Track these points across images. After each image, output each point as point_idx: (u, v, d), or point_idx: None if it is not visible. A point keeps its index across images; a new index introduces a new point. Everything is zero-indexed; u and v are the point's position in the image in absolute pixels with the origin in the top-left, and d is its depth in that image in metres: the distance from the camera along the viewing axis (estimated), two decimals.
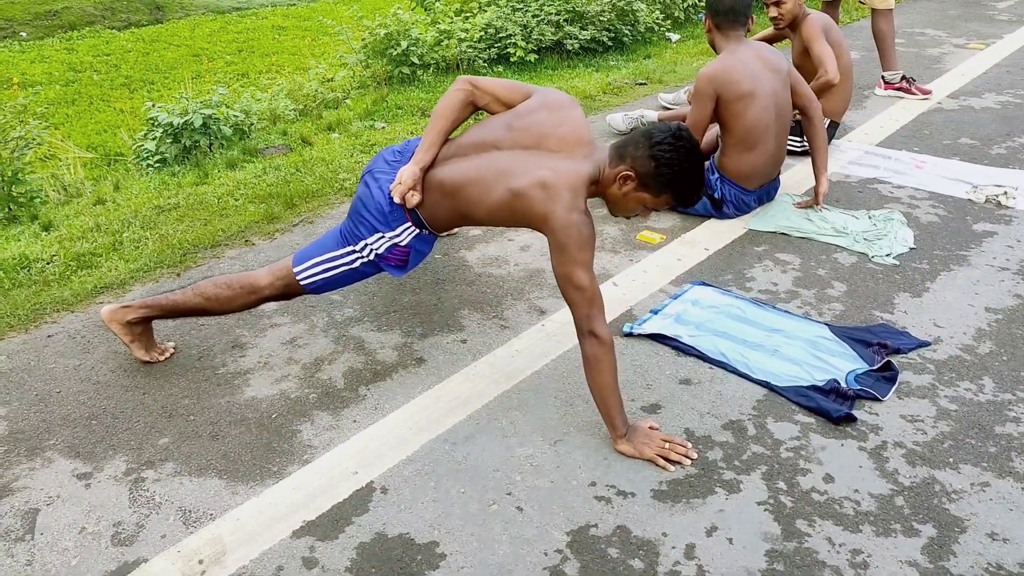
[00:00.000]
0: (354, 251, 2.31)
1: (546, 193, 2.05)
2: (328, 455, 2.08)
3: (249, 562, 1.77)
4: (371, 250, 2.30)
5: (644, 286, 2.85)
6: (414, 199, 2.21)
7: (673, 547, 1.80)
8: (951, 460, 2.05)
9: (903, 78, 4.88)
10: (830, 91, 3.76)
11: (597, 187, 2.15)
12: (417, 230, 2.29)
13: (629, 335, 2.55)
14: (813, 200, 3.35)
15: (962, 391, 2.30)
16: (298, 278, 2.33)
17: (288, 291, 2.37)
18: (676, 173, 2.06)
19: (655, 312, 2.66)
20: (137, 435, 2.16)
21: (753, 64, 3.18)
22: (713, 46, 3.35)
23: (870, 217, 3.31)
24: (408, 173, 2.21)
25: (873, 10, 4.88)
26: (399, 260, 2.33)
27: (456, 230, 3.20)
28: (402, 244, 2.30)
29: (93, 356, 2.49)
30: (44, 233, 3.42)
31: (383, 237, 2.28)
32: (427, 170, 2.25)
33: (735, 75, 3.14)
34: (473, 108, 2.31)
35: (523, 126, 2.20)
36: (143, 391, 2.33)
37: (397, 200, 2.21)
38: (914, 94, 4.85)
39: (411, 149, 2.34)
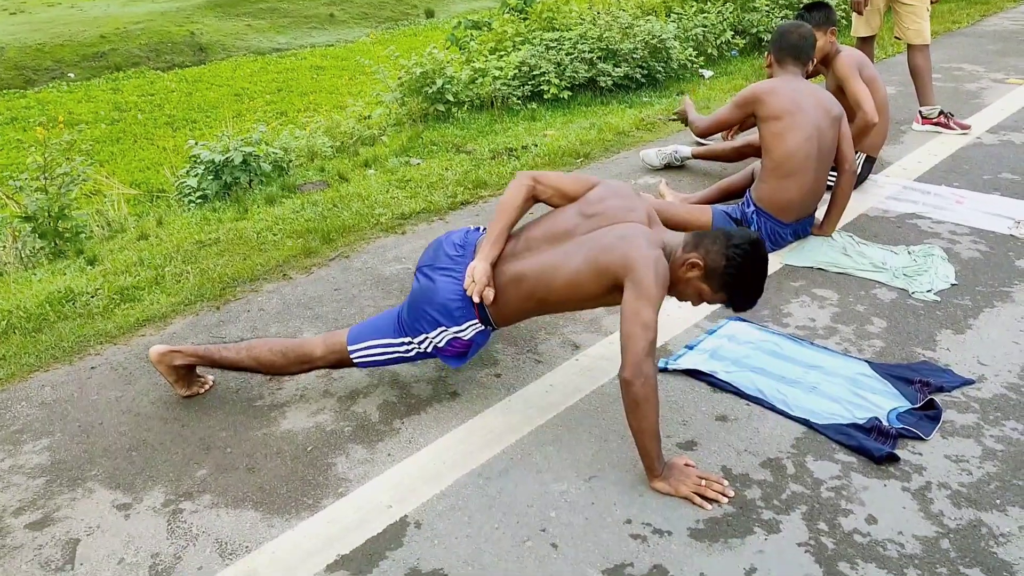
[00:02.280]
0: (412, 342, 2.33)
1: (627, 241, 2.14)
2: (362, 488, 2.08)
3: None
4: (431, 343, 2.32)
5: (679, 321, 2.83)
6: (491, 295, 2.23)
7: None
8: (998, 502, 1.99)
9: (941, 113, 4.84)
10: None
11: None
12: (482, 326, 2.30)
13: (664, 371, 2.53)
14: (821, 229, 3.43)
15: (1008, 431, 2.25)
16: (351, 356, 2.37)
17: (339, 364, 2.41)
18: (741, 278, 2.12)
19: (690, 348, 2.64)
20: (176, 467, 2.18)
21: (802, 95, 3.23)
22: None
23: (910, 252, 3.26)
24: (481, 271, 2.23)
25: (909, 46, 4.86)
26: (458, 351, 2.34)
27: None
28: (465, 338, 2.31)
29: (134, 388, 2.54)
30: (89, 267, 3.50)
31: (446, 331, 2.29)
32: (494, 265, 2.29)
33: (778, 94, 3.20)
34: (534, 202, 2.39)
35: (596, 212, 2.27)
36: (182, 423, 2.36)
37: (476, 299, 2.22)
38: (952, 129, 4.80)
39: (472, 242, 2.37)
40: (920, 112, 4.90)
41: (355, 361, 2.38)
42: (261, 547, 1.90)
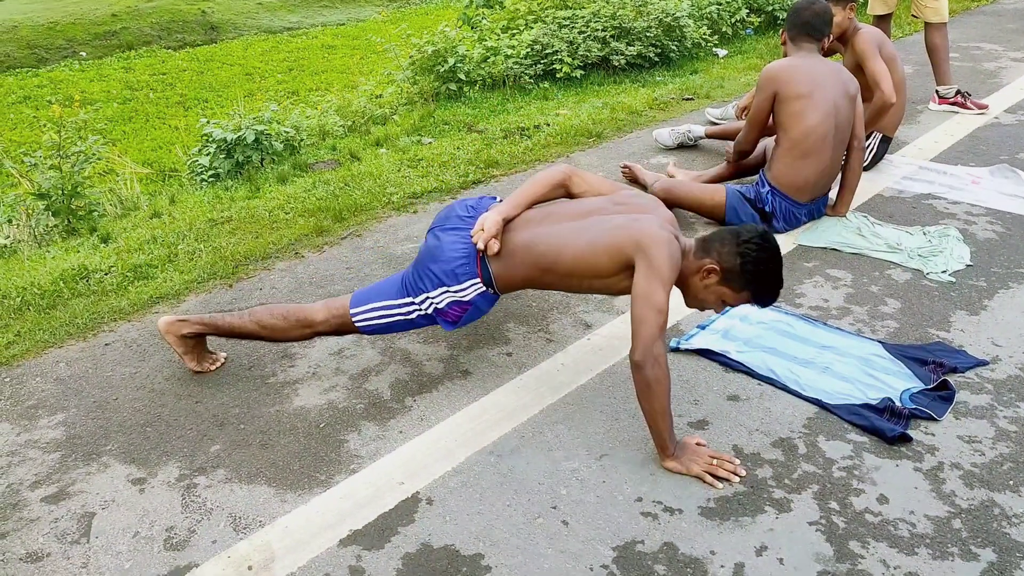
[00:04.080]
0: (413, 303, 2.33)
1: (640, 222, 2.15)
2: (375, 465, 2.09)
3: (297, 569, 1.78)
4: (431, 304, 2.31)
5: None
6: (495, 246, 2.22)
7: (722, 566, 1.77)
8: (1011, 483, 1.99)
9: (958, 92, 4.78)
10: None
11: (679, 272, 2.16)
12: (484, 287, 2.29)
13: (676, 350, 2.53)
14: (835, 209, 3.41)
15: (1022, 412, 2.23)
16: (354, 319, 2.36)
17: (341, 329, 2.41)
18: (761, 272, 2.10)
19: (702, 327, 2.64)
20: (190, 442, 2.20)
21: (819, 72, 3.19)
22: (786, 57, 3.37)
23: (925, 233, 3.24)
24: (491, 221, 2.23)
25: (926, 24, 4.80)
26: (456, 315, 2.33)
27: None
28: (464, 300, 2.30)
29: (148, 364, 2.55)
30: (102, 245, 3.52)
31: (447, 292, 2.29)
32: (507, 225, 2.28)
33: (796, 74, 3.16)
34: (565, 192, 2.41)
35: (624, 201, 2.30)
36: (196, 399, 2.38)
37: (480, 245, 2.22)
38: (970, 108, 4.74)
39: (484, 206, 2.37)
40: (937, 92, 4.85)
41: (357, 325, 2.36)
42: (275, 522, 1.92)
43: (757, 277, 2.10)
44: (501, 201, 2.40)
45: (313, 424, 2.26)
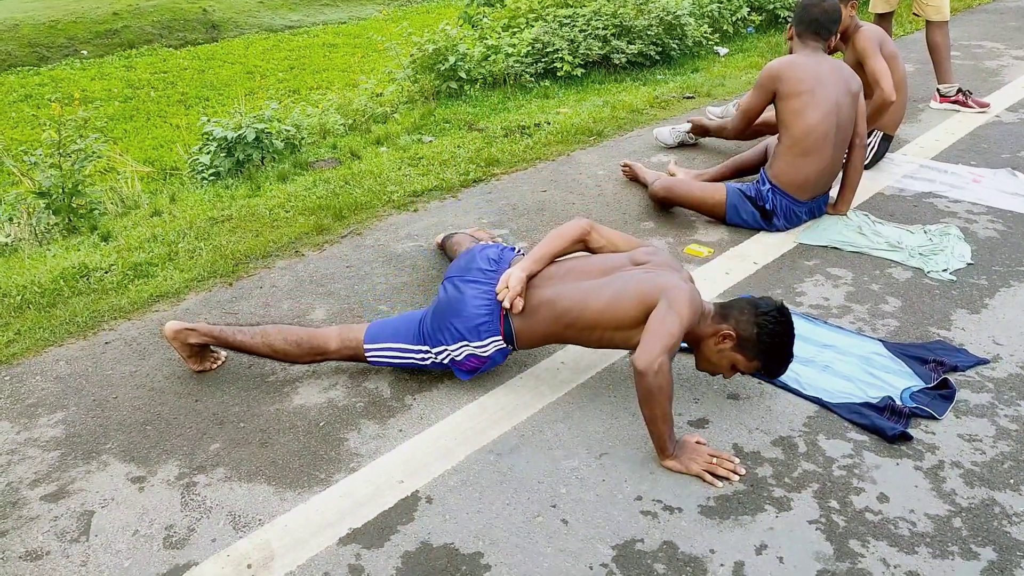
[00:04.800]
0: (429, 352, 2.32)
1: (663, 276, 2.18)
2: (374, 464, 2.09)
3: (296, 568, 1.78)
4: (448, 355, 2.30)
5: None
6: (520, 304, 2.22)
7: (721, 564, 1.77)
8: (1011, 481, 1.98)
9: (959, 91, 4.77)
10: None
11: (695, 332, 2.17)
12: (503, 344, 2.29)
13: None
14: (836, 208, 3.41)
15: (1023, 410, 2.23)
16: (367, 354, 2.36)
17: (353, 358, 2.41)
18: (775, 345, 2.14)
19: None
20: (189, 441, 2.20)
21: (821, 70, 3.18)
22: (791, 54, 3.37)
23: (926, 231, 3.23)
24: (516, 278, 2.23)
25: (928, 22, 4.79)
26: (472, 367, 2.33)
27: None
28: (483, 355, 2.29)
29: (148, 363, 2.55)
30: (103, 243, 3.52)
31: (467, 347, 2.28)
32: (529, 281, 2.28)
33: (798, 72, 3.15)
34: (584, 246, 2.41)
35: (644, 260, 2.30)
36: (195, 398, 2.38)
37: (506, 304, 2.21)
38: (971, 107, 4.73)
39: (507, 260, 2.36)
40: (938, 90, 4.84)
41: (368, 359, 2.37)
42: (274, 520, 1.92)
43: (771, 349, 2.14)
44: (521, 253, 2.41)
45: (313, 423, 2.26)
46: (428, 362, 2.34)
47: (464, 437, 2.18)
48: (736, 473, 2.01)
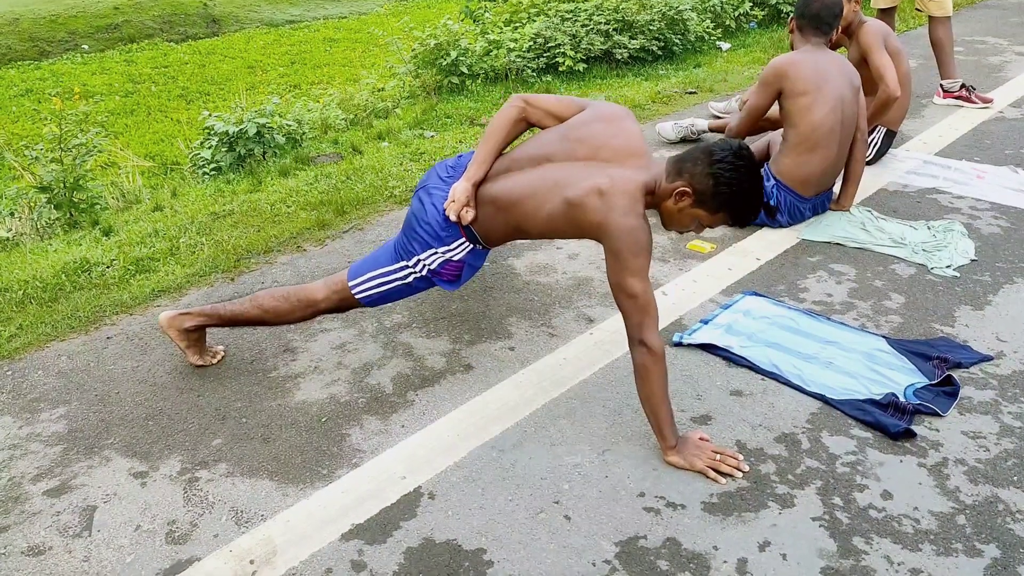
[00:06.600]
0: (407, 267, 2.32)
1: (602, 200, 2.03)
2: (377, 459, 2.09)
3: (299, 563, 1.78)
4: (424, 266, 2.30)
5: (694, 296, 2.81)
6: (469, 215, 2.21)
7: (724, 561, 1.77)
8: (1015, 478, 1.98)
9: (962, 86, 4.76)
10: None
11: (653, 198, 2.10)
12: (471, 245, 2.29)
13: (679, 345, 2.52)
14: (839, 203, 3.40)
15: None
16: (353, 292, 2.36)
17: (343, 304, 2.40)
18: (735, 193, 2.00)
19: (705, 322, 2.63)
20: (191, 436, 2.19)
21: (825, 66, 3.18)
22: (792, 48, 3.39)
23: (929, 227, 3.22)
24: (461, 190, 2.21)
25: (931, 18, 4.77)
26: (452, 275, 2.33)
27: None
28: (455, 259, 2.30)
29: (150, 358, 2.55)
30: (104, 238, 3.51)
31: (436, 253, 2.28)
32: (479, 185, 2.25)
33: (803, 69, 3.14)
34: (526, 125, 2.31)
35: (577, 137, 2.18)
36: (197, 393, 2.37)
37: (453, 218, 2.21)
38: (974, 103, 4.72)
39: (463, 164, 2.34)
40: (941, 86, 4.82)
41: (358, 297, 2.36)
42: (276, 516, 1.91)
43: (732, 199, 2.00)
44: None
45: (315, 418, 2.25)
46: (411, 278, 2.33)
47: (466, 433, 2.17)
48: (739, 470, 2.00)
